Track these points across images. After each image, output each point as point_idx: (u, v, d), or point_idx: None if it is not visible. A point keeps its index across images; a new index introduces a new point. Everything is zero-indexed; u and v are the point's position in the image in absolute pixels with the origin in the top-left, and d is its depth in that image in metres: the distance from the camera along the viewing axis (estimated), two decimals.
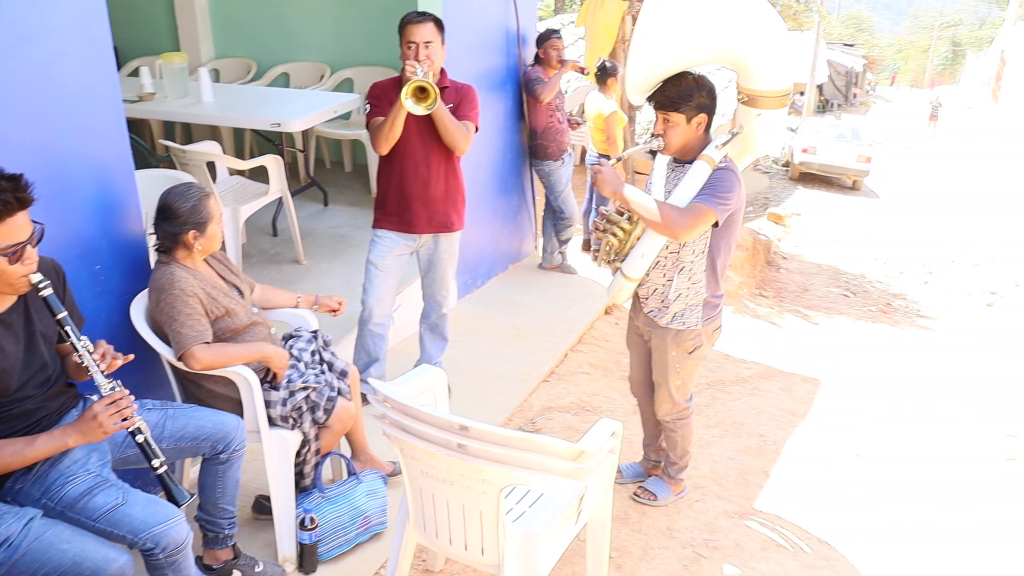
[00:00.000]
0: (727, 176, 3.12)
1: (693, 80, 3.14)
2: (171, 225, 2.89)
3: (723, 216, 3.13)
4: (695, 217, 3.07)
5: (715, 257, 3.30)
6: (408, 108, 3.44)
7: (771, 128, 3.28)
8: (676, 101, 3.14)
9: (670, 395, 3.59)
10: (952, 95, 42.22)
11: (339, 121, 6.71)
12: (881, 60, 56.63)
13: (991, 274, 12.02)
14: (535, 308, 5.73)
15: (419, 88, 3.44)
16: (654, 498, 3.84)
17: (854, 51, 42.69)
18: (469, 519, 2.39)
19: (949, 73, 54.80)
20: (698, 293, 3.33)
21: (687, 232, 3.10)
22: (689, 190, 3.13)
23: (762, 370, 6.19)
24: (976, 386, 7.10)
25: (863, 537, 3.97)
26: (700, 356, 3.50)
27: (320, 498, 3.18)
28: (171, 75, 5.66)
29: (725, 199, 3.09)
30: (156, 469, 2.38)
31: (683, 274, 3.31)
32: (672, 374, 3.52)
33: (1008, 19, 38.01)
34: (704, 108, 3.16)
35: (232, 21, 7.48)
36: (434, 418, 2.26)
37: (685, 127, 3.16)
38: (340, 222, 6.07)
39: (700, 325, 3.37)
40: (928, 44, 56.16)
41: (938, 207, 17.15)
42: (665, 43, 3.09)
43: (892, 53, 61.48)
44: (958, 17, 56.78)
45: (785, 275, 10.54)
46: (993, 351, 8.47)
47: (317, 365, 3.26)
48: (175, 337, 2.84)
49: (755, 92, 3.19)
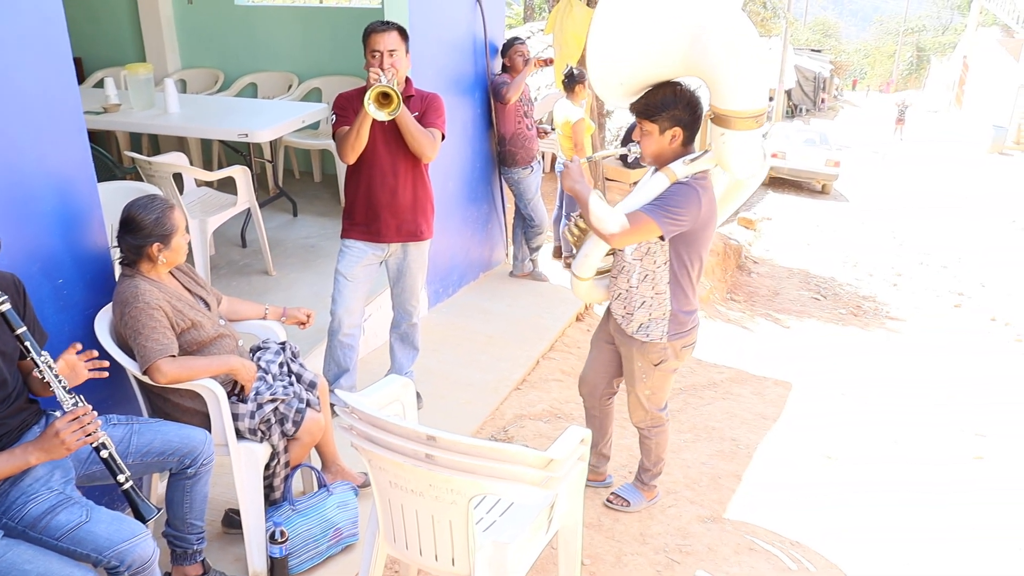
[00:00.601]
0: (683, 192, 3.08)
1: (673, 92, 3.09)
2: (135, 237, 2.85)
3: (669, 230, 3.08)
4: (634, 226, 3.04)
5: (677, 270, 3.25)
6: (371, 114, 3.42)
7: (738, 150, 3.09)
8: (650, 110, 3.13)
9: (640, 403, 3.59)
10: (917, 99, 42.75)
11: (308, 131, 6.68)
12: (848, 65, 57.24)
13: (958, 276, 12.18)
14: (506, 316, 5.73)
15: (382, 94, 3.42)
16: (627, 504, 3.84)
17: (821, 57, 43.06)
18: (439, 529, 2.37)
19: (914, 78, 55.50)
20: (663, 305, 3.31)
21: (620, 239, 3.08)
22: (638, 199, 3.12)
23: (734, 374, 6.22)
24: (945, 386, 7.18)
25: (835, 539, 3.99)
26: (667, 369, 3.48)
27: (290, 511, 3.15)
28: (136, 86, 5.61)
29: (673, 214, 3.05)
30: (122, 484, 2.35)
31: (647, 282, 3.31)
32: (639, 383, 3.53)
33: (970, 25, 38.60)
34: (680, 121, 3.11)
35: (198, 31, 7.43)
36: (402, 428, 2.24)
37: (658, 137, 3.15)
38: (309, 232, 6.04)
39: (665, 339, 3.35)
40: (893, 49, 56.87)
41: (906, 210, 17.35)
42: (621, 47, 3.03)
43: (859, 58, 62.11)
44: (922, 23, 57.54)
45: (756, 279, 10.61)
46: (961, 351, 8.58)
47: (285, 377, 3.23)
48: (140, 351, 2.80)
49: (720, 110, 3.03)
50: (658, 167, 3.20)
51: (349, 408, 2.36)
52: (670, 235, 3.12)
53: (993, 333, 9.48)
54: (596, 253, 3.34)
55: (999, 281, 11.90)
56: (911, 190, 19.80)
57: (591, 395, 3.82)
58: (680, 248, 3.21)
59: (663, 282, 3.28)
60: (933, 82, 45.82)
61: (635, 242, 3.19)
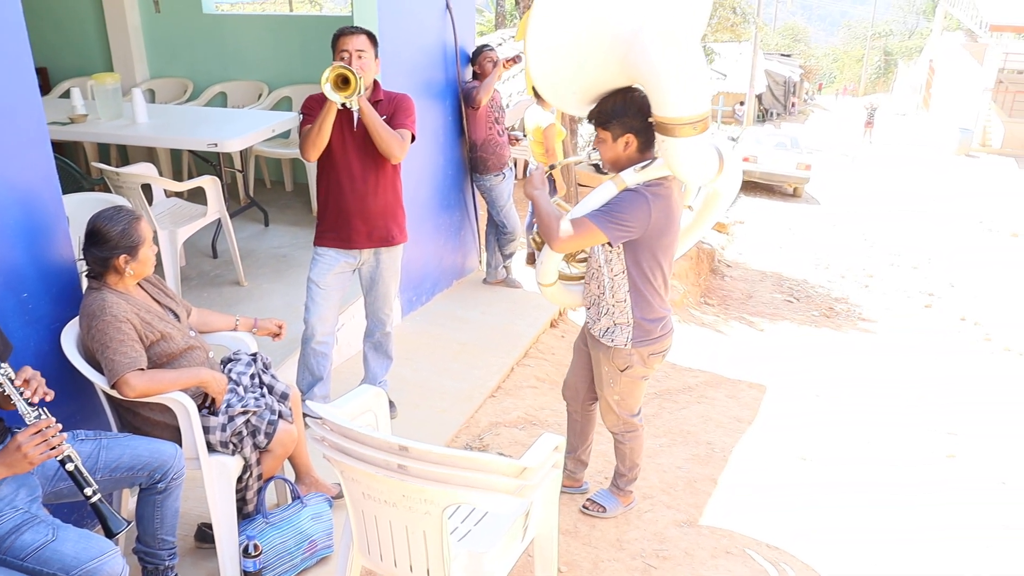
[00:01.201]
0: (631, 199, 3.08)
1: (624, 99, 3.09)
2: (101, 250, 2.81)
3: (616, 237, 3.09)
4: (577, 232, 3.06)
5: (637, 278, 3.25)
6: (327, 94, 3.36)
7: (682, 157, 3.00)
8: (602, 118, 3.15)
9: (611, 407, 3.59)
10: (886, 102, 43.24)
11: (278, 140, 6.64)
12: (817, 70, 57.84)
13: (928, 276, 12.31)
14: (480, 323, 5.71)
15: (342, 77, 3.37)
16: (603, 510, 3.84)
17: (791, 61, 43.52)
18: (413, 540, 2.36)
19: (883, 82, 56.12)
20: (625, 312, 3.31)
21: (562, 244, 3.10)
22: (585, 206, 3.12)
23: (709, 378, 6.24)
24: (916, 386, 7.25)
25: (811, 540, 4.01)
26: (635, 376, 3.47)
27: (264, 524, 3.11)
28: (103, 96, 5.54)
29: (619, 220, 3.05)
30: (89, 498, 2.31)
31: (607, 291, 3.32)
32: (607, 388, 3.53)
33: (935, 30, 39.13)
34: (632, 128, 3.11)
35: (167, 41, 7.37)
36: (373, 439, 2.22)
37: (612, 144, 3.17)
38: (281, 242, 6.00)
39: (629, 346, 3.35)
40: (862, 54, 57.50)
41: (876, 212, 17.53)
42: (560, 60, 3.00)
43: (828, 63, 62.77)
44: (889, 28, 58.19)
45: (729, 283, 10.67)
46: (932, 351, 8.67)
47: (257, 388, 3.20)
48: (108, 364, 2.76)
49: (659, 118, 2.95)
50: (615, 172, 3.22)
51: (321, 419, 2.34)
52: (617, 241, 3.13)
53: (963, 332, 9.60)
54: (551, 259, 3.34)
55: (968, 281, 12.04)
56: (881, 192, 20.01)
57: (574, 399, 3.83)
58: (638, 255, 3.21)
59: (623, 290, 3.28)
60: (901, 85, 46.34)
61: (579, 247, 3.22)
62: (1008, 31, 27.64)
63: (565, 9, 2.88)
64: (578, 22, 2.90)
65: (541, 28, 2.89)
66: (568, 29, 2.91)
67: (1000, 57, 27.87)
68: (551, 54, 2.97)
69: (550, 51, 2.97)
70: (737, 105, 31.33)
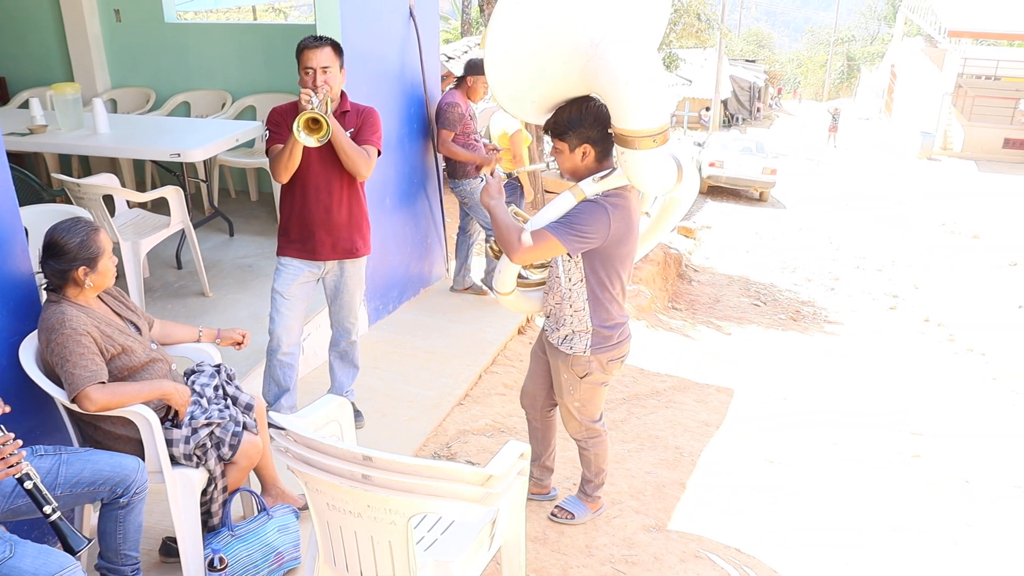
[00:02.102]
0: (590, 210, 3.08)
1: (580, 109, 3.09)
2: (59, 262, 2.78)
3: (575, 248, 3.09)
4: (537, 243, 3.06)
5: (595, 287, 3.27)
6: (301, 141, 3.38)
7: (641, 169, 3.01)
8: (558, 128, 3.15)
9: (572, 414, 3.60)
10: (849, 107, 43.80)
11: (243, 149, 6.60)
12: (782, 75, 58.49)
13: (893, 279, 12.48)
14: (448, 331, 5.70)
15: (311, 120, 3.39)
16: (571, 517, 3.84)
17: (756, 67, 43.94)
18: (379, 550, 2.34)
19: (846, 87, 56.88)
20: (583, 320, 3.33)
21: (520, 255, 3.08)
22: (544, 217, 3.11)
23: (676, 382, 6.27)
24: (882, 387, 7.34)
25: (778, 542, 4.04)
26: (595, 382, 3.48)
27: (229, 537, 3.08)
28: (63, 106, 5.47)
29: (578, 231, 3.05)
30: (48, 516, 2.28)
31: (565, 300, 3.33)
32: (567, 395, 3.54)
33: (896, 35, 39.71)
34: (588, 139, 3.11)
35: (128, 50, 7.30)
36: (337, 450, 2.21)
37: (569, 155, 3.16)
38: (246, 252, 5.95)
39: (588, 352, 3.36)
40: (825, 59, 58.23)
41: (842, 215, 17.75)
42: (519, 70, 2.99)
43: (792, 68, 63.49)
44: (851, 33, 59.00)
45: (697, 287, 10.74)
46: (897, 352, 8.78)
47: (221, 400, 3.17)
48: (67, 378, 2.72)
49: (618, 129, 2.95)
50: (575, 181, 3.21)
51: (284, 430, 2.32)
52: (576, 252, 3.14)
53: (927, 334, 9.73)
54: (509, 269, 3.35)
55: (931, 283, 12.22)
56: (846, 196, 20.26)
57: (532, 407, 3.83)
58: (596, 265, 3.23)
59: (581, 299, 3.29)
60: (864, 90, 46.99)
61: (538, 259, 3.19)
62: (966, 37, 28.16)
63: (525, 17, 2.86)
64: (538, 30, 2.88)
65: (501, 35, 2.88)
66: (528, 37, 2.90)
67: (959, 62, 28.37)
68: (510, 61, 2.96)
69: (509, 58, 2.95)
70: (703, 111, 31.59)
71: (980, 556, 4.24)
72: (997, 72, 29.28)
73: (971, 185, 21.97)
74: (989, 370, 8.31)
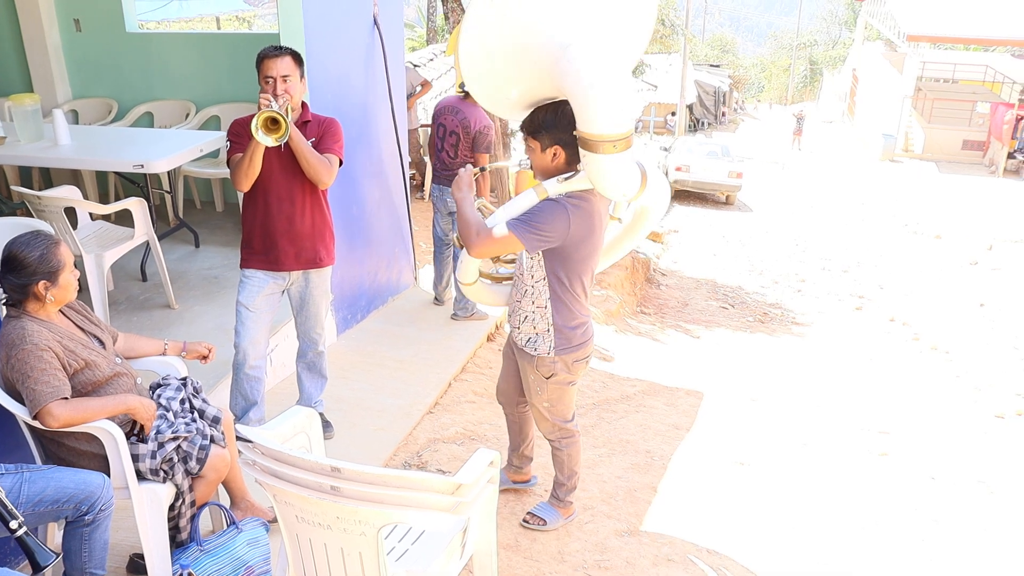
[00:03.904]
0: (551, 209, 3.13)
1: (556, 112, 3.14)
2: (18, 276, 2.73)
3: (533, 245, 3.14)
4: (493, 238, 3.12)
5: (556, 287, 3.31)
6: (259, 140, 3.35)
7: (602, 173, 3.05)
8: (533, 128, 3.21)
9: (542, 415, 3.63)
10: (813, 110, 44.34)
11: (208, 160, 6.53)
12: (746, 79, 59.10)
13: (858, 279, 12.63)
14: (417, 340, 5.68)
15: (270, 119, 3.36)
16: (543, 523, 3.84)
17: (721, 72, 44.36)
18: (349, 562, 2.32)
19: (809, 90, 57.51)
20: (545, 319, 3.37)
21: (478, 248, 3.15)
22: (506, 213, 3.18)
23: (646, 387, 6.29)
24: (849, 387, 7.42)
25: (749, 544, 4.06)
26: (561, 383, 3.51)
27: (198, 552, 3.04)
28: (22, 117, 5.39)
29: (537, 229, 3.10)
30: (15, 532, 2.23)
31: (528, 297, 3.39)
32: (536, 396, 3.58)
33: (857, 40, 40.25)
34: (560, 141, 3.16)
35: (89, 60, 7.21)
36: (305, 461, 2.19)
37: (540, 154, 3.23)
38: (213, 263, 5.89)
39: (552, 353, 3.40)
40: (788, 63, 58.88)
41: (807, 218, 17.94)
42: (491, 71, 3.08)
43: (756, 72, 64.16)
44: (813, 38, 59.74)
45: (665, 291, 10.80)
46: (863, 353, 8.88)
47: (188, 413, 3.13)
48: (29, 395, 2.68)
49: (582, 133, 2.98)
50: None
51: (251, 443, 2.30)
52: (534, 250, 3.20)
53: (892, 333, 9.86)
54: (467, 259, 3.43)
55: (896, 283, 12.39)
56: (811, 198, 20.49)
57: (508, 403, 3.89)
58: (555, 265, 3.28)
59: (543, 297, 3.35)
60: (827, 94, 47.56)
61: (495, 254, 3.28)
62: (925, 41, 28.63)
63: (501, 16, 2.92)
64: (513, 30, 2.95)
65: (475, 34, 2.94)
66: (503, 36, 2.97)
67: (918, 66, 28.83)
68: (485, 59, 3.03)
69: (484, 55, 3.02)
70: (668, 115, 31.81)
71: (947, 552, 4.29)
72: (955, 75, 29.82)
73: (932, 186, 22.33)
74: (953, 368, 8.44)
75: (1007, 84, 29.08)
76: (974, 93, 28.46)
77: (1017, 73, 29.38)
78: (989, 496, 5.10)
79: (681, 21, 28.48)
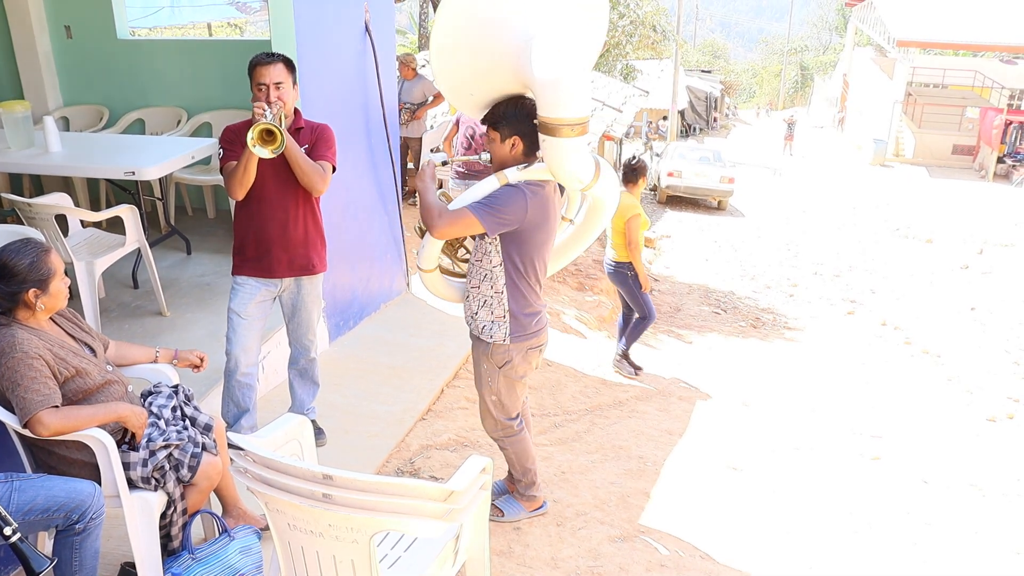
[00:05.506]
0: (510, 193, 3.27)
1: (515, 104, 3.31)
2: (8, 284, 2.72)
3: (492, 227, 3.27)
4: (453, 219, 3.25)
5: (512, 272, 3.42)
6: (255, 152, 3.36)
7: (560, 158, 3.21)
8: (493, 119, 3.37)
9: (488, 409, 3.68)
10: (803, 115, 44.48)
11: (199, 166, 6.51)
12: (738, 85, 59.27)
13: (850, 284, 12.67)
14: (410, 346, 5.68)
15: (266, 131, 3.37)
16: (501, 515, 3.89)
17: (712, 77, 44.47)
18: (341, 569, 2.32)
19: (800, 96, 57.73)
20: (502, 304, 3.46)
21: (439, 229, 3.26)
22: (467, 197, 3.30)
23: (639, 392, 6.30)
24: (842, 391, 7.44)
25: (742, 548, 4.07)
26: (514, 374, 3.57)
27: (190, 560, 3.03)
28: (12, 124, 5.37)
29: (496, 211, 3.24)
30: (8, 538, 2.22)
31: (487, 282, 3.47)
32: (485, 387, 3.63)
33: (847, 45, 40.40)
34: (520, 132, 3.32)
35: (80, 67, 7.19)
36: (297, 469, 2.19)
37: (500, 145, 3.37)
38: (204, 270, 5.88)
39: (508, 340, 3.47)
40: (779, 69, 59.11)
41: (799, 222, 17.98)
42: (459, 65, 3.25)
43: (747, 78, 64.36)
44: (804, 44, 60.01)
45: (658, 296, 10.81)
46: (855, 356, 8.91)
47: (179, 421, 3.12)
48: (19, 403, 2.67)
49: (542, 118, 3.14)
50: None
51: (242, 451, 2.30)
52: (493, 232, 3.31)
53: (884, 337, 9.89)
54: (432, 245, 3.50)
55: (888, 287, 12.43)
56: (803, 203, 20.54)
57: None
58: (511, 250, 3.40)
59: (500, 282, 3.45)
60: (818, 99, 47.71)
61: (457, 235, 3.39)
62: (914, 46, 28.74)
63: (466, 13, 3.12)
64: (477, 26, 3.14)
65: (443, 28, 3.13)
66: (468, 32, 3.16)
67: (908, 71, 28.96)
68: (451, 54, 3.23)
69: (450, 50, 3.21)
70: (660, 121, 31.86)
71: (939, 555, 4.30)
72: (944, 80, 29.97)
73: (923, 190, 22.42)
74: (944, 371, 8.47)
75: (996, 89, 29.27)
76: (964, 98, 28.63)
77: (1006, 78, 29.59)
78: (981, 499, 5.12)
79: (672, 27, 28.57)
